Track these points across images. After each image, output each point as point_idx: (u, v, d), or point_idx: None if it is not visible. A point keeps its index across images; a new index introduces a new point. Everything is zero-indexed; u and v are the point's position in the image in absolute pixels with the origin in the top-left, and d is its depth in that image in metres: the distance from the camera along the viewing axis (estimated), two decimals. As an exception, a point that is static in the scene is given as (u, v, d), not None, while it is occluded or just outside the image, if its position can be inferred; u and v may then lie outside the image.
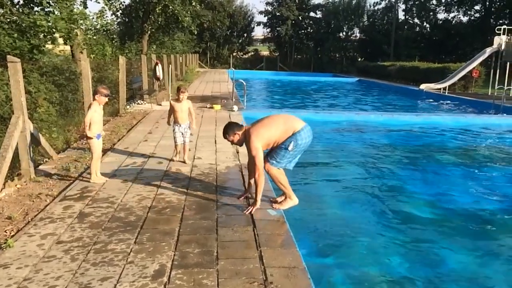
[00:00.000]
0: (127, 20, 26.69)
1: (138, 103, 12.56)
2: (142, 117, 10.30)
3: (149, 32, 24.33)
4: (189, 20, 24.38)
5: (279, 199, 4.53)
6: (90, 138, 5.01)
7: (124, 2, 23.92)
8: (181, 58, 25.43)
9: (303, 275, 3.09)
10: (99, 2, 20.53)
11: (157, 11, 22.42)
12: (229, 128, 4.38)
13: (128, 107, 11.59)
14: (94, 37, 18.95)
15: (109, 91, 5.22)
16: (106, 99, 5.13)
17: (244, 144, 4.45)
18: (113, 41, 23.72)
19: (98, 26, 21.79)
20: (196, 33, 31.79)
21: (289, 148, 4.25)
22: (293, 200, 4.46)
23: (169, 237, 3.62)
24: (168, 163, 6.09)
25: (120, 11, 25.24)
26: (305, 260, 3.34)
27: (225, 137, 4.43)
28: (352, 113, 13.17)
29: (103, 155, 6.10)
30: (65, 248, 3.39)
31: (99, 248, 3.40)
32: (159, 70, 13.60)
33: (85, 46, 12.28)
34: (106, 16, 21.89)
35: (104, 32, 23.23)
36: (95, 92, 5.06)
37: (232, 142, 4.46)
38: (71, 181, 5.17)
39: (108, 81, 12.22)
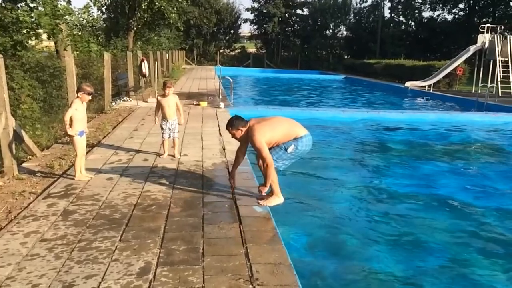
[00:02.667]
0: (112, 16, 26.41)
1: (124, 100, 12.45)
2: (128, 114, 10.21)
3: (135, 28, 24.08)
4: (176, 17, 24.17)
5: (265, 196, 4.54)
6: (72, 136, 4.95)
7: (109, -3, 23.70)
8: (167, 54, 25.25)
9: (289, 271, 3.11)
10: (84, -3, 20.30)
11: (143, 7, 22.19)
12: (235, 123, 4.41)
13: (113, 104, 11.48)
14: (79, 33, 18.72)
15: (93, 89, 5.16)
16: (89, 97, 5.07)
17: (239, 140, 4.50)
18: (99, 38, 23.45)
19: (84, 22, 21.55)
20: (182, 29, 31.56)
21: (288, 150, 4.32)
22: (279, 198, 4.48)
23: (155, 234, 3.61)
24: (154, 160, 6.05)
25: (105, 7, 24.98)
26: (291, 257, 3.36)
27: (228, 129, 4.46)
28: (338, 110, 13.23)
29: (87, 152, 6.06)
30: (48, 246, 3.35)
31: (83, 246, 3.37)
32: (145, 67, 13.49)
33: (69, 42, 12.10)
34: (92, 12, 21.69)
35: (90, 28, 22.97)
36: (78, 90, 5.00)
37: (233, 136, 4.48)
38: (55, 179, 5.11)
39: (93, 77, 12.08)
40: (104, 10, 25.38)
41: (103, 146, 6.83)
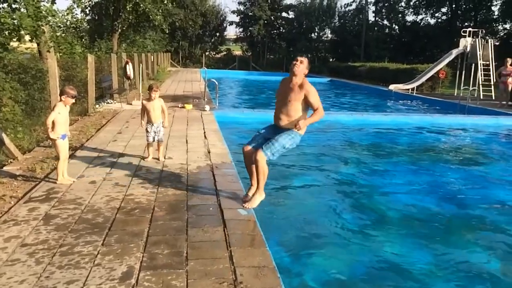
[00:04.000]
0: (96, 17, 26.21)
1: (108, 103, 12.34)
2: (112, 116, 10.13)
3: (119, 30, 23.92)
4: (161, 19, 24.08)
5: (248, 198, 4.53)
6: (54, 139, 4.89)
7: (93, -1, 23.53)
8: (152, 57, 25.12)
9: (273, 274, 3.11)
10: (67, -1, 20.05)
11: (128, 9, 22.05)
12: (308, 63, 4.58)
13: (97, 106, 11.38)
14: (63, 35, 18.51)
15: (76, 91, 5.11)
16: (73, 100, 5.02)
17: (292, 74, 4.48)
18: (83, 39, 23.23)
19: (68, 23, 21.30)
20: (167, 32, 31.45)
21: (287, 146, 4.35)
22: (261, 196, 4.48)
23: (138, 238, 3.58)
24: (138, 163, 6.01)
25: (89, 8, 24.77)
26: (275, 259, 3.36)
27: (300, 58, 4.55)
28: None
29: (70, 155, 5.98)
30: (29, 251, 3.30)
31: (65, 251, 3.32)
32: (129, 69, 13.42)
33: (52, 44, 11.96)
34: (76, 14, 21.46)
35: (73, 30, 22.72)
36: (61, 93, 4.94)
37: (294, 66, 4.50)
38: (37, 182, 5.04)
39: (77, 80, 11.95)
40: (88, 12, 25.17)
41: (86, 149, 6.76)
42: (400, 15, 44.61)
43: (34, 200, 4.41)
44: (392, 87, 20.59)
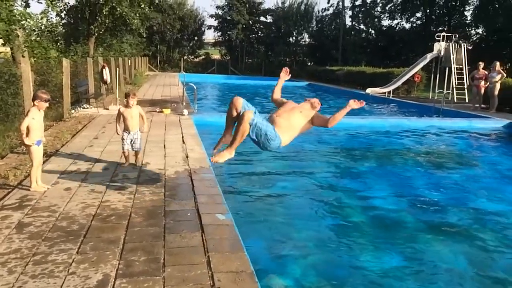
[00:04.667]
0: (72, 21, 25.79)
1: (84, 108, 12.16)
2: (88, 121, 9.98)
3: (96, 34, 23.61)
4: (138, 23, 23.86)
5: (216, 152, 4.54)
6: (29, 145, 4.79)
7: (68, 3, 23.17)
8: (129, 61, 24.87)
9: (251, 279, 3.11)
10: (41, 3, 19.69)
11: (104, 13, 21.77)
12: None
13: (73, 111, 11.19)
14: (37, 39, 18.16)
15: (49, 95, 5.02)
16: (47, 104, 4.93)
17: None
18: (58, 43, 22.84)
19: (43, 27, 20.91)
20: (145, 36, 31.23)
21: (265, 135, 4.29)
22: (231, 154, 4.49)
23: (114, 245, 3.53)
24: (115, 169, 5.93)
25: (65, 12, 24.38)
26: (254, 264, 3.36)
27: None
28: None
29: (44, 161, 5.87)
30: (1, 261, 3.22)
31: (38, 260, 3.25)
32: (106, 74, 13.24)
33: (26, 48, 11.73)
34: (51, 17, 21.09)
35: (48, 34, 22.32)
36: (34, 97, 4.85)
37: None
38: (10, 190, 4.92)
39: (52, 84, 11.74)
40: (63, 16, 24.77)
41: (61, 155, 6.63)
42: (376, 20, 45.32)
43: (7, 208, 4.31)
44: (369, 90, 20.87)
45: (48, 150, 6.82)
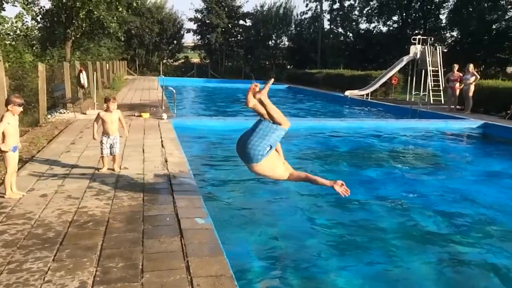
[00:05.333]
0: (48, 25, 25.41)
1: (61, 112, 11.96)
2: (65, 127, 9.82)
3: (72, 38, 23.31)
4: (116, 26, 23.69)
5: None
6: (5, 152, 4.69)
7: (44, 6, 22.83)
8: (107, 65, 24.60)
9: (230, 283, 3.10)
10: (16, 6, 19.33)
11: (81, 16, 21.55)
12: None
13: (49, 116, 11.00)
14: (12, 44, 17.83)
15: (23, 100, 4.93)
16: (21, 109, 4.84)
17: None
18: (33, 48, 22.46)
19: (18, 31, 20.53)
20: (123, 39, 30.97)
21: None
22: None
23: (91, 252, 3.48)
24: (92, 174, 5.85)
25: (41, 16, 24.00)
26: (233, 268, 3.35)
27: None
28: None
29: (20, 168, 5.76)
30: (-26, 271, 3.14)
31: (13, 268, 3.18)
32: (83, 78, 13.07)
33: (0, 52, 11.51)
34: (26, 21, 20.71)
35: (24, 38, 21.93)
36: (7, 102, 4.75)
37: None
38: (-17, 198, 4.80)
39: (27, 89, 11.54)
40: (39, 19, 24.39)
41: (37, 161, 6.51)
42: (354, 23, 45.94)
43: (-20, 216, 4.20)
44: (347, 93, 21.09)
45: (23, 156, 6.69)
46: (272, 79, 4.88)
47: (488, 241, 4.91)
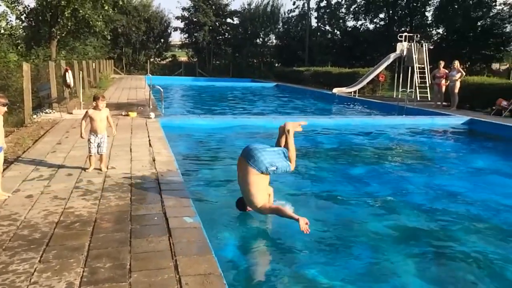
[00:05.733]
0: (33, 24, 25.08)
1: (46, 112, 11.82)
2: (51, 127, 9.71)
3: (58, 37, 23.04)
4: (102, 25, 23.46)
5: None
6: (-10, 152, 4.64)
7: (29, 5, 22.53)
8: (94, 64, 24.38)
9: (219, 281, 3.10)
10: (0, 5, 19.06)
11: (66, 15, 21.30)
12: None
13: (35, 116, 10.86)
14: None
15: (7, 99, 4.87)
16: (5, 108, 4.78)
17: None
18: (18, 47, 22.15)
19: (2, 30, 20.25)
20: (109, 38, 30.69)
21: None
22: None
23: (78, 253, 3.45)
24: (79, 175, 5.80)
25: (25, 15, 23.67)
26: (222, 266, 3.35)
27: None
28: (269, 117, 13.47)
29: (5, 169, 5.68)
30: (-42, 274, 3.10)
31: (-2, 270, 3.15)
32: (69, 77, 12.94)
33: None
34: (10, 20, 20.43)
35: (8, 37, 21.62)
36: (-9, 102, 4.69)
37: None
38: (-33, 199, 4.73)
39: (12, 89, 11.38)
40: (23, 18, 24.05)
41: (22, 161, 6.43)
42: (341, 21, 46.14)
43: (-36, 218, 4.14)
44: (335, 90, 21.17)
45: (8, 156, 6.61)
46: (305, 122, 5.51)
47: (472, 237, 4.96)
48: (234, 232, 4.85)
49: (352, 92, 20.88)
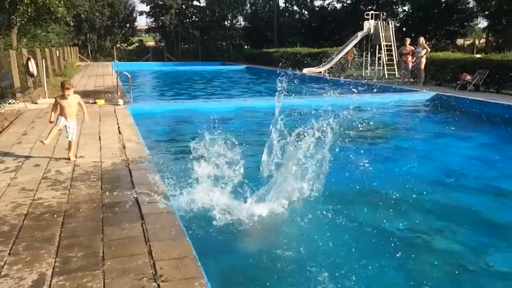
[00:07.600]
0: (-9, 12, 24.02)
1: (10, 103, 11.44)
2: (15, 117, 9.41)
3: (18, 24, 22.14)
4: (63, 11, 22.62)
5: None
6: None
7: (-16, -8, 21.51)
8: (57, 51, 23.62)
9: (194, 264, 3.11)
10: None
11: (26, 2, 20.46)
12: None
13: (-3, 108, 10.51)
14: None
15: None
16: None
17: None
18: (-25, 36, 21.25)
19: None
20: (73, 24, 29.74)
21: None
22: None
23: (49, 243, 3.39)
24: (47, 165, 5.67)
25: (-19, 2, 22.62)
26: (197, 250, 3.35)
27: None
28: (240, 100, 13.43)
29: (-32, 163, 5.50)
30: None
31: (-34, 266, 3.07)
32: (32, 66, 12.53)
33: None
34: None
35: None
36: None
37: None
38: None
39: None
40: (-21, 6, 22.97)
41: (-14, 154, 6.23)
42: (308, 1, 45.99)
43: None
44: (305, 70, 21.25)
45: (-29, 150, 6.39)
46: None
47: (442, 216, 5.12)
48: (208, 216, 4.85)
49: (322, 72, 20.99)
